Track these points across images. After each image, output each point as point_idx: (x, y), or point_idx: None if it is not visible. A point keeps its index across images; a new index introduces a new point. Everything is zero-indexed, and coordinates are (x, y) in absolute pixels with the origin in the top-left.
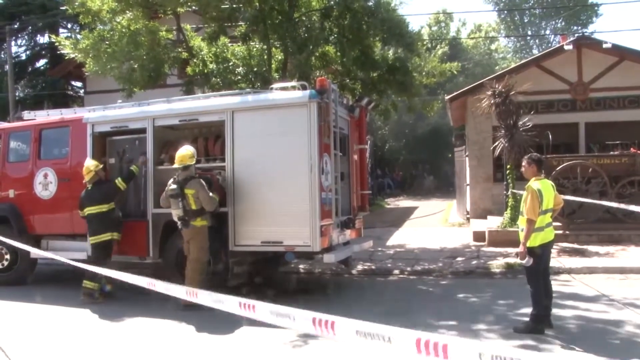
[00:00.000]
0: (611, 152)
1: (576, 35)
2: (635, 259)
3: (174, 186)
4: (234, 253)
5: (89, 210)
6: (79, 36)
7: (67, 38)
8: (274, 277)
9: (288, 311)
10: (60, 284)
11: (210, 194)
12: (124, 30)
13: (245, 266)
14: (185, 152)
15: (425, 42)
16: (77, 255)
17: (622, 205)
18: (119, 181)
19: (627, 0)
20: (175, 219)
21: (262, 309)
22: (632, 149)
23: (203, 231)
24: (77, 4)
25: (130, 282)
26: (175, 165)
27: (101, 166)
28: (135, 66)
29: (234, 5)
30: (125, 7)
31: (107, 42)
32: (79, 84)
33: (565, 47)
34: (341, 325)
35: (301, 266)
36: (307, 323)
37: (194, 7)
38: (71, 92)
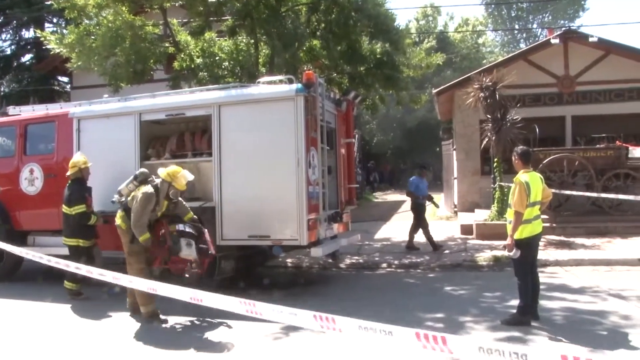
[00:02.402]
0: (597, 145)
1: (563, 29)
2: (621, 250)
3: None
4: (221, 247)
5: (62, 208)
6: (64, 31)
7: (52, 33)
8: (261, 271)
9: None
10: (48, 280)
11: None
12: (109, 25)
13: (233, 260)
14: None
15: (412, 37)
16: (63, 250)
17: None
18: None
19: None
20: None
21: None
22: (617, 142)
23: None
24: None
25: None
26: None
27: (89, 165)
28: (120, 61)
29: (221, 0)
30: (111, 1)
31: (92, 37)
32: (65, 79)
33: (552, 41)
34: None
35: (289, 260)
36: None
37: (180, 2)
38: (57, 87)
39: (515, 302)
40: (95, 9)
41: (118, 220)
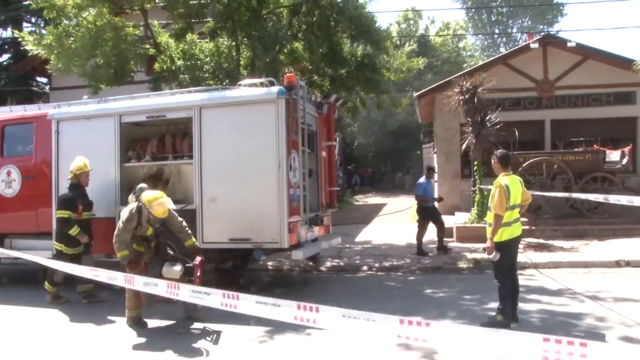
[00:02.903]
0: (575, 149)
1: (542, 34)
2: (598, 253)
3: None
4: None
5: None
6: (43, 31)
7: (30, 33)
8: (242, 274)
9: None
10: (25, 284)
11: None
12: (89, 25)
13: (214, 264)
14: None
15: (394, 40)
16: (42, 254)
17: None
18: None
19: (591, 0)
20: None
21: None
22: (595, 145)
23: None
24: None
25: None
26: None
27: (87, 170)
28: (100, 63)
29: (202, 1)
30: (91, 2)
31: (72, 38)
32: (44, 80)
33: (532, 46)
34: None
35: (269, 263)
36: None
37: (161, 3)
38: (36, 88)
39: (494, 305)
40: (75, 10)
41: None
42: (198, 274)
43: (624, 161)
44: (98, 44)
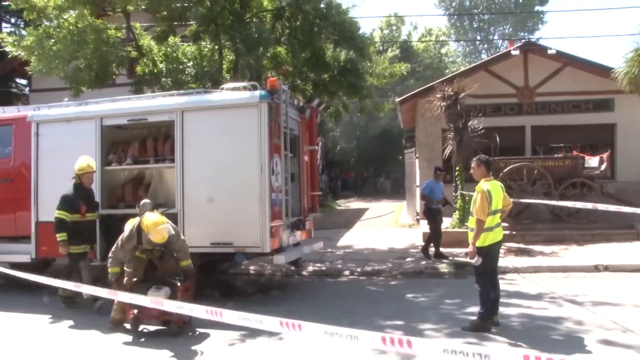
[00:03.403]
0: (555, 155)
1: (523, 41)
2: (577, 258)
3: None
4: None
5: None
6: (23, 32)
7: (9, 34)
8: (222, 279)
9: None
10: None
11: (117, 248)
12: (70, 27)
13: (195, 268)
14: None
15: (376, 46)
16: (21, 258)
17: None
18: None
19: (571, 9)
20: None
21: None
22: (574, 151)
23: None
24: None
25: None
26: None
27: (90, 170)
28: (82, 65)
29: (185, 5)
30: (72, 3)
31: (52, 40)
32: (24, 81)
33: (513, 53)
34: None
35: (251, 267)
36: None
37: (143, 6)
38: (15, 90)
39: (475, 309)
40: (56, 11)
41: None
42: (184, 297)
43: (603, 167)
44: (79, 46)
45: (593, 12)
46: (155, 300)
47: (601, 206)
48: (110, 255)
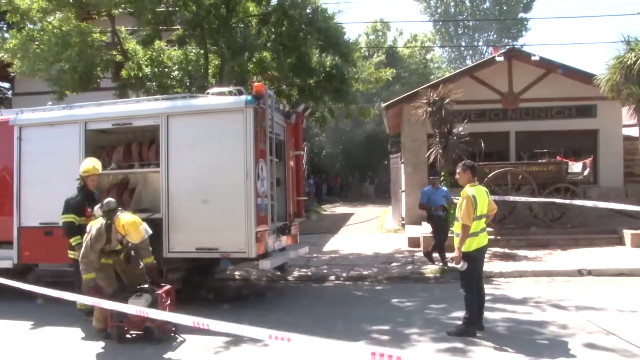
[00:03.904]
0: (539, 160)
1: (507, 47)
2: (561, 262)
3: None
4: (168, 260)
5: None
6: (6, 35)
7: None
8: (209, 284)
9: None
10: None
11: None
12: (54, 30)
13: (180, 273)
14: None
15: (362, 51)
16: (2, 264)
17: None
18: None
19: (554, 16)
20: None
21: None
22: (558, 157)
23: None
24: (3, 1)
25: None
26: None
27: (95, 172)
28: (66, 68)
29: (170, 9)
30: (56, 6)
31: (36, 43)
32: (6, 84)
33: (497, 59)
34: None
35: (237, 273)
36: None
37: (129, 9)
38: None
39: (460, 314)
40: (40, 14)
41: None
42: (165, 302)
43: (586, 172)
44: (64, 48)
45: (576, 20)
46: (141, 310)
47: (602, 204)
48: (81, 261)
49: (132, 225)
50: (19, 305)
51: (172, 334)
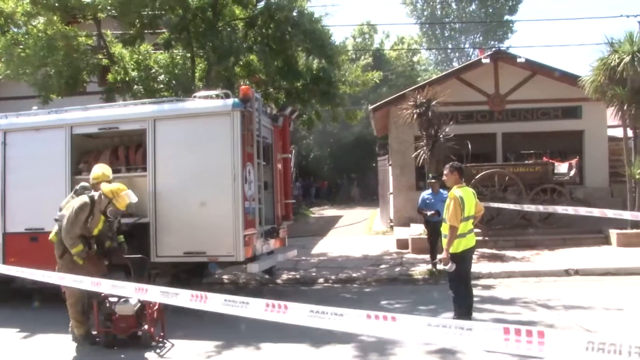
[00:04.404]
0: (526, 161)
1: (493, 49)
2: (549, 262)
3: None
4: (155, 264)
5: None
6: None
7: None
8: (197, 288)
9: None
10: None
11: (70, 222)
12: (40, 34)
13: (168, 278)
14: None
15: (349, 54)
16: None
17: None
18: None
19: (539, 18)
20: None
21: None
22: (544, 158)
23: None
24: None
25: None
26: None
27: (106, 179)
28: (51, 72)
29: (156, 12)
30: (41, 10)
31: (21, 47)
32: None
33: (483, 61)
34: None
35: (225, 277)
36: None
37: (114, 13)
38: None
39: (449, 315)
40: (25, 17)
41: (52, 235)
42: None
43: (572, 173)
44: (49, 52)
45: (561, 22)
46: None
47: (583, 209)
48: (65, 235)
49: (117, 190)
50: (6, 312)
51: (160, 340)
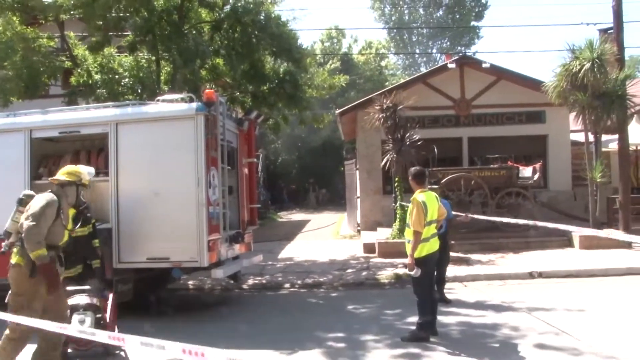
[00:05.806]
0: (491, 165)
1: (459, 55)
2: (513, 265)
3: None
4: (118, 270)
5: None
6: None
7: None
8: (160, 294)
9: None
10: None
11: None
12: None
13: (131, 284)
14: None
15: (317, 58)
16: None
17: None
18: None
19: (505, 24)
20: None
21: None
22: (509, 162)
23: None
24: None
25: None
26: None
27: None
28: (9, 75)
29: (121, 14)
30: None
31: None
32: None
33: (449, 66)
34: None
35: (190, 282)
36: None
37: (78, 15)
38: None
39: (415, 319)
40: None
41: (15, 258)
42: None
43: (536, 177)
44: (8, 55)
45: (525, 29)
46: (88, 331)
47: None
48: (28, 235)
49: (75, 168)
50: None
51: (121, 350)
